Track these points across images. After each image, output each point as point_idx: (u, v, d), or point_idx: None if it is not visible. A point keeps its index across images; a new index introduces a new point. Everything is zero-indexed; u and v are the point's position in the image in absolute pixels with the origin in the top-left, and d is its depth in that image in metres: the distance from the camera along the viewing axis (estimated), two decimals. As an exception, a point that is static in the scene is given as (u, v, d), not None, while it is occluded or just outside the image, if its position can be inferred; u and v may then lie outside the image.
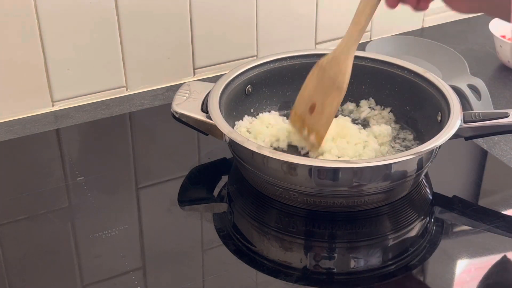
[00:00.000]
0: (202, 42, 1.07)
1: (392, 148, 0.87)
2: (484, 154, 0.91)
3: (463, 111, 0.80)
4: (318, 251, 0.76)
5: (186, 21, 1.04)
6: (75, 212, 0.80)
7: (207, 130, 0.83)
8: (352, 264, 0.75)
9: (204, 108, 0.83)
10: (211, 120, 0.80)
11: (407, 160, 0.74)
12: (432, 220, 0.80)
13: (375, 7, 0.76)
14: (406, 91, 0.90)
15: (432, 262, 0.73)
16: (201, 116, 0.82)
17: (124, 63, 1.03)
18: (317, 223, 0.78)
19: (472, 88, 0.97)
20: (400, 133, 0.89)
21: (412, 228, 0.79)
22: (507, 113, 0.80)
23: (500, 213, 0.80)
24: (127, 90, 1.05)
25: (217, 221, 0.80)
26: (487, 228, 0.78)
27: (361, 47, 1.14)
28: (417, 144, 0.86)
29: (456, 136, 0.78)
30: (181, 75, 1.08)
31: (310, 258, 0.76)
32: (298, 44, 1.14)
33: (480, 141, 0.92)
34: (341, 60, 0.79)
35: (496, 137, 0.93)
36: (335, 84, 0.79)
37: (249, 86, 0.90)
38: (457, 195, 0.82)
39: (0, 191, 0.83)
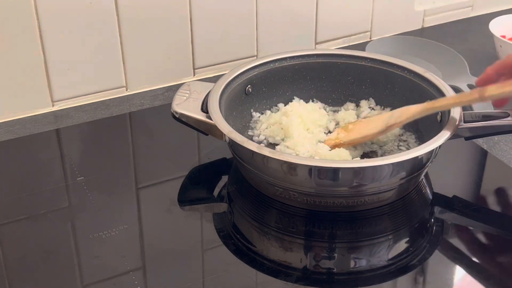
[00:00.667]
0: (202, 42, 1.07)
1: (397, 148, 0.87)
2: (484, 154, 0.91)
3: (463, 111, 0.80)
4: (318, 251, 0.76)
5: (186, 21, 1.04)
6: (75, 212, 0.80)
7: (207, 130, 0.83)
8: (352, 264, 0.75)
9: (204, 108, 0.83)
10: (211, 120, 0.80)
11: (407, 160, 0.74)
12: (432, 220, 0.80)
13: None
14: (406, 91, 0.90)
15: (432, 262, 0.73)
16: (201, 116, 0.82)
17: (124, 63, 1.02)
18: (317, 223, 0.78)
19: (472, 88, 0.97)
20: (403, 134, 0.90)
21: (412, 228, 0.79)
22: (507, 113, 0.80)
23: (500, 213, 0.80)
24: (127, 90, 1.05)
25: (217, 221, 0.80)
26: (487, 228, 0.78)
27: (361, 47, 1.14)
28: (418, 145, 0.86)
29: (456, 136, 0.78)
30: (181, 75, 1.08)
31: (310, 258, 0.76)
32: (298, 44, 1.14)
33: (480, 141, 0.92)
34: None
35: (496, 137, 0.93)
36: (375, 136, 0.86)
37: (249, 86, 0.90)
38: (457, 195, 0.82)
39: (0, 191, 0.83)
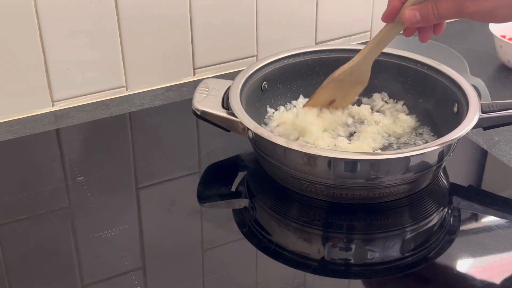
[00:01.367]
0: (202, 42, 1.07)
1: (413, 142, 0.87)
2: (484, 154, 0.91)
3: (480, 102, 0.81)
4: (340, 242, 0.77)
5: (186, 21, 1.04)
6: (75, 212, 0.80)
7: (228, 126, 0.82)
8: (373, 255, 0.75)
9: (225, 105, 0.83)
10: (234, 116, 0.80)
11: (432, 151, 0.75)
12: (450, 212, 0.80)
13: (394, 34, 0.81)
14: (419, 84, 0.90)
15: (450, 254, 0.73)
16: (223, 113, 0.82)
17: (124, 63, 1.03)
18: (337, 215, 0.78)
19: (475, 88, 0.97)
20: (419, 128, 0.90)
21: (430, 220, 0.79)
22: None
23: (500, 214, 0.80)
24: (127, 90, 1.05)
25: (238, 217, 0.80)
26: (486, 228, 0.78)
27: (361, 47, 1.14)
28: (434, 137, 0.86)
29: (474, 126, 0.79)
30: (181, 75, 1.08)
31: (332, 249, 0.76)
32: (298, 44, 1.14)
33: (480, 141, 0.92)
34: (363, 69, 0.84)
35: (496, 137, 0.93)
36: (358, 81, 0.86)
37: (265, 82, 0.91)
38: (457, 195, 0.83)
39: (0, 191, 0.83)
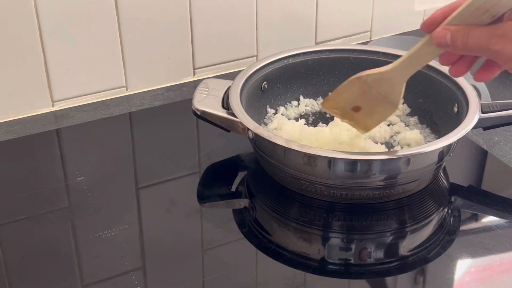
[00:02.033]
0: (202, 42, 1.07)
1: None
2: (484, 154, 0.91)
3: (480, 102, 0.81)
4: (336, 242, 0.77)
5: (186, 21, 1.04)
6: (75, 212, 0.80)
7: (228, 126, 0.82)
8: (373, 255, 0.76)
9: (225, 105, 0.83)
10: (234, 116, 0.80)
11: (432, 151, 0.75)
12: (449, 212, 0.80)
13: (431, 54, 0.75)
14: (419, 84, 0.90)
15: (450, 254, 0.74)
16: (223, 113, 0.82)
17: (124, 63, 1.03)
18: (337, 215, 0.78)
19: (475, 89, 0.97)
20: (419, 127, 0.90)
21: (430, 220, 0.79)
22: None
23: (500, 214, 0.80)
24: (127, 90, 1.05)
25: (238, 217, 0.80)
26: (486, 228, 0.78)
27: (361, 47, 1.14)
28: (434, 137, 0.87)
29: (474, 126, 0.79)
30: (181, 75, 1.08)
31: (333, 249, 0.76)
32: (298, 44, 1.13)
33: (480, 141, 0.92)
34: (395, 83, 0.78)
35: (496, 137, 0.93)
36: (388, 100, 0.80)
37: (265, 82, 0.91)
38: (457, 195, 0.83)
39: (0, 191, 0.83)
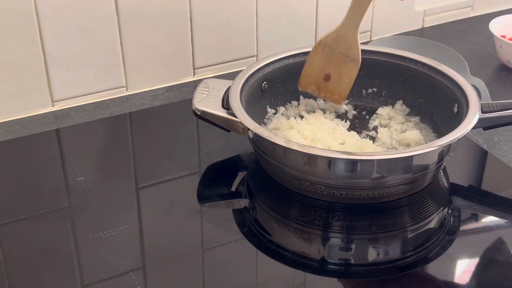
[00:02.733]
0: (202, 42, 1.07)
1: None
2: (484, 154, 0.91)
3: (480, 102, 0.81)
4: (336, 242, 0.77)
5: (186, 21, 1.04)
6: (75, 212, 0.80)
7: (228, 126, 0.82)
8: (373, 255, 0.76)
9: (225, 105, 0.83)
10: (234, 117, 0.80)
11: (432, 151, 0.75)
12: (449, 212, 0.80)
13: None
14: (419, 84, 0.90)
15: (450, 254, 0.74)
16: (223, 113, 0.82)
17: (124, 63, 1.02)
18: (337, 215, 0.78)
19: (475, 89, 0.97)
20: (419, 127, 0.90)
21: (430, 220, 0.79)
22: None
23: (500, 214, 0.80)
24: (127, 90, 1.05)
25: (238, 217, 0.80)
26: (486, 228, 0.78)
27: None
28: (435, 137, 0.87)
29: (474, 126, 0.79)
30: (181, 75, 1.08)
31: (333, 249, 0.76)
32: (298, 44, 1.13)
33: (480, 141, 0.92)
34: (349, 37, 0.83)
35: (496, 137, 0.93)
36: (349, 57, 0.85)
37: (265, 82, 0.90)
38: (457, 195, 0.83)
39: (0, 191, 0.83)
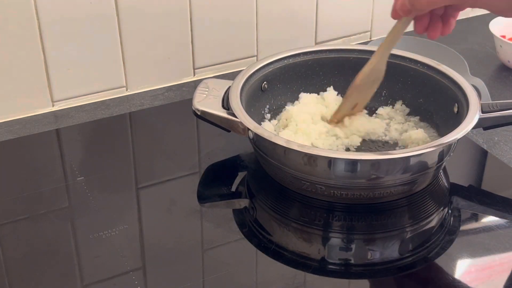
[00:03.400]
0: (202, 42, 1.07)
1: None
2: (484, 154, 0.91)
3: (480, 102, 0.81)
4: (336, 242, 0.77)
5: (186, 21, 1.04)
6: (75, 212, 0.80)
7: (229, 126, 0.82)
8: (373, 255, 0.76)
9: (225, 105, 0.83)
10: (234, 117, 0.80)
11: (432, 151, 0.75)
12: (449, 212, 0.80)
13: (403, 29, 0.79)
14: (419, 84, 0.90)
15: (450, 254, 0.74)
16: (223, 113, 0.82)
17: (124, 63, 1.03)
18: (337, 215, 0.78)
19: (476, 89, 0.97)
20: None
21: (430, 220, 0.79)
22: None
23: (500, 214, 0.80)
24: (127, 90, 1.05)
25: (238, 217, 0.80)
26: (486, 228, 0.78)
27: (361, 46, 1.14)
28: (436, 137, 0.86)
29: (475, 126, 0.79)
30: (181, 75, 1.08)
31: (333, 249, 0.76)
32: (298, 44, 1.14)
33: (480, 141, 0.92)
34: (380, 68, 0.84)
35: (496, 137, 0.93)
36: (375, 79, 0.86)
37: (265, 82, 0.90)
38: (457, 195, 0.83)
39: (0, 191, 0.83)
